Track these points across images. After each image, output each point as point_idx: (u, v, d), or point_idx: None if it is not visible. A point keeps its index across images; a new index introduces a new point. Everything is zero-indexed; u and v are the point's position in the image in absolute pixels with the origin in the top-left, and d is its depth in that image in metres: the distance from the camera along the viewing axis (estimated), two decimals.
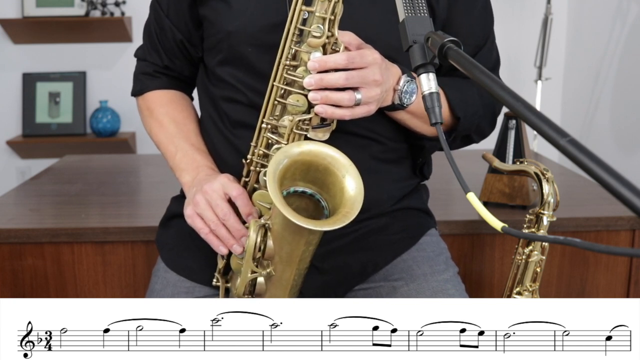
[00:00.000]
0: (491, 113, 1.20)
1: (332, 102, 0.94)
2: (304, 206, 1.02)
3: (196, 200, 1.05)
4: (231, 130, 1.12)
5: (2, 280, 1.49)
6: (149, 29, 1.24)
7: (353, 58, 0.93)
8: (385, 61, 0.99)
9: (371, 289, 1.15)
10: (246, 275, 1.00)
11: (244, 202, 1.03)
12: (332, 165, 0.97)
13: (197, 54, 1.20)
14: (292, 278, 1.02)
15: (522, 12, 3.52)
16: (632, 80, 2.91)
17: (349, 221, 0.93)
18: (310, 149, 0.97)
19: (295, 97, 0.97)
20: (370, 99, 0.96)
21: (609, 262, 1.56)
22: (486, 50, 1.18)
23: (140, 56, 1.27)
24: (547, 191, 1.26)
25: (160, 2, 1.19)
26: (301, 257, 0.99)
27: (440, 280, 1.14)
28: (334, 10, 0.93)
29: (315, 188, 1.00)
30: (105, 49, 3.53)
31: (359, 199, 0.95)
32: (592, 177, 0.57)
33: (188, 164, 1.14)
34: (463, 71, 0.76)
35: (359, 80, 0.94)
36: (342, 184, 0.96)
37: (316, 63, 0.93)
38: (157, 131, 1.22)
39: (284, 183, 0.98)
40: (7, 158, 3.61)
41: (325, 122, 0.98)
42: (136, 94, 1.27)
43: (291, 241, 0.97)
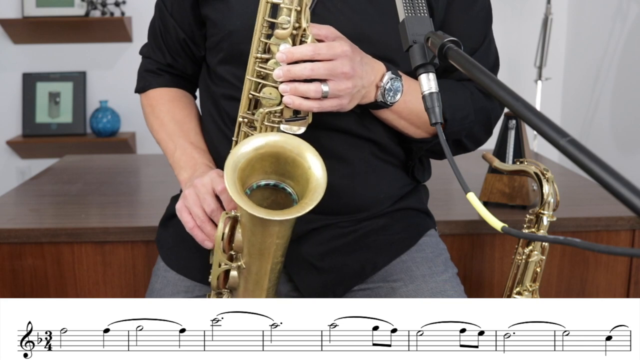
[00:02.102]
0: (485, 119, 1.18)
1: (300, 93, 0.93)
2: (279, 200, 1.02)
3: (186, 193, 1.07)
4: (230, 127, 1.13)
5: (2, 280, 1.49)
6: (153, 27, 1.26)
7: (320, 49, 0.93)
8: (361, 55, 0.98)
9: (370, 289, 1.15)
10: (216, 266, 1.02)
11: (227, 198, 1.03)
12: (299, 156, 0.97)
13: (200, 53, 1.21)
14: (265, 274, 1.02)
15: (522, 12, 3.52)
16: (632, 80, 2.91)
17: (307, 210, 0.92)
18: (274, 140, 0.97)
19: (268, 90, 0.97)
20: (340, 92, 0.95)
21: (609, 262, 1.56)
22: (484, 51, 1.17)
23: (144, 54, 1.29)
24: (547, 191, 1.26)
25: (164, 2, 1.22)
26: (272, 251, 1.00)
27: (439, 281, 1.14)
28: (301, 1, 0.93)
29: (287, 180, 1.00)
30: (105, 49, 3.53)
31: (321, 187, 0.94)
32: (592, 177, 0.57)
33: (186, 162, 1.15)
34: (463, 71, 0.76)
35: (324, 72, 0.93)
36: (308, 175, 0.96)
37: (284, 54, 0.93)
38: (158, 129, 1.23)
39: (253, 176, 0.98)
40: (7, 158, 3.61)
41: (299, 115, 0.97)
42: (139, 91, 1.29)
43: (259, 233, 0.98)
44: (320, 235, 1.13)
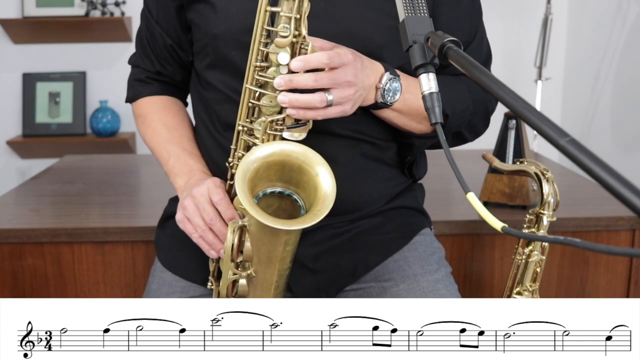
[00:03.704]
0: (483, 109, 1.19)
1: (302, 104, 0.93)
2: (284, 207, 1.02)
3: (185, 204, 1.07)
4: (222, 132, 1.13)
5: (2, 280, 1.49)
6: (140, 36, 1.26)
7: (332, 58, 0.92)
8: (362, 60, 0.98)
9: (362, 289, 1.15)
10: (226, 276, 1.02)
11: (225, 207, 1.04)
12: (305, 164, 0.97)
13: (188, 59, 1.21)
14: (273, 279, 1.02)
15: (522, 12, 3.52)
16: (632, 80, 2.91)
17: (319, 219, 0.92)
18: (282, 149, 0.97)
19: (269, 98, 0.97)
20: (343, 99, 0.95)
21: (609, 262, 1.56)
22: (476, 45, 1.17)
23: (133, 63, 1.29)
24: (547, 191, 1.26)
25: (150, 9, 1.21)
26: (281, 258, 1.00)
27: (431, 280, 1.13)
28: (300, 9, 0.92)
29: (293, 188, 1.00)
30: (105, 49, 3.54)
31: (330, 196, 0.95)
32: (592, 177, 0.57)
33: (181, 169, 1.16)
34: (463, 71, 0.76)
35: (328, 81, 0.93)
36: (316, 182, 0.96)
37: (300, 62, 0.92)
38: (151, 137, 1.24)
39: (259, 184, 0.98)
40: (7, 158, 3.61)
41: (300, 121, 0.97)
42: (130, 100, 1.30)
43: (268, 242, 0.98)
44: (313, 237, 1.13)
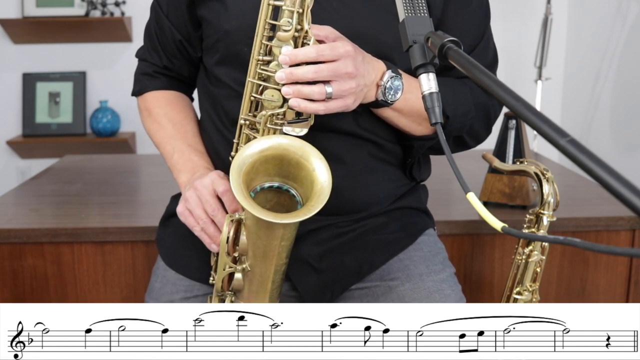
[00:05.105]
0: (485, 115, 1.18)
1: (304, 95, 0.93)
2: (282, 201, 1.02)
3: (187, 196, 1.07)
4: (229, 128, 1.13)
5: (2, 281, 1.49)
6: (149, 29, 1.25)
7: (322, 50, 0.92)
8: (363, 54, 0.98)
9: (367, 288, 1.15)
10: (221, 269, 1.02)
11: (229, 199, 1.04)
12: (303, 159, 0.97)
13: (196, 54, 1.21)
14: (270, 274, 1.02)
15: (522, 12, 3.52)
16: (632, 80, 2.91)
17: (312, 214, 0.92)
18: (280, 143, 0.97)
19: (270, 92, 0.97)
20: (344, 92, 0.94)
21: (609, 262, 1.56)
22: (482, 49, 1.17)
23: (140, 56, 1.29)
24: (547, 191, 1.26)
25: (160, 3, 1.21)
26: (277, 253, 1.00)
27: (436, 280, 1.14)
28: (303, 3, 0.93)
29: (291, 182, 1.00)
30: (105, 49, 3.53)
31: (325, 191, 0.95)
32: (592, 177, 0.57)
33: (184, 165, 1.15)
34: (463, 71, 0.76)
35: (328, 73, 0.92)
36: (313, 177, 0.96)
37: (287, 57, 0.92)
38: (156, 132, 1.23)
39: (257, 178, 0.98)
40: (7, 158, 3.61)
41: (302, 117, 0.97)
42: (136, 94, 1.29)
43: (263, 236, 0.98)
44: (318, 236, 1.13)
